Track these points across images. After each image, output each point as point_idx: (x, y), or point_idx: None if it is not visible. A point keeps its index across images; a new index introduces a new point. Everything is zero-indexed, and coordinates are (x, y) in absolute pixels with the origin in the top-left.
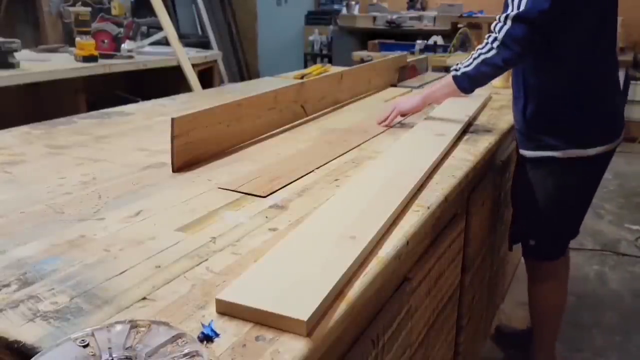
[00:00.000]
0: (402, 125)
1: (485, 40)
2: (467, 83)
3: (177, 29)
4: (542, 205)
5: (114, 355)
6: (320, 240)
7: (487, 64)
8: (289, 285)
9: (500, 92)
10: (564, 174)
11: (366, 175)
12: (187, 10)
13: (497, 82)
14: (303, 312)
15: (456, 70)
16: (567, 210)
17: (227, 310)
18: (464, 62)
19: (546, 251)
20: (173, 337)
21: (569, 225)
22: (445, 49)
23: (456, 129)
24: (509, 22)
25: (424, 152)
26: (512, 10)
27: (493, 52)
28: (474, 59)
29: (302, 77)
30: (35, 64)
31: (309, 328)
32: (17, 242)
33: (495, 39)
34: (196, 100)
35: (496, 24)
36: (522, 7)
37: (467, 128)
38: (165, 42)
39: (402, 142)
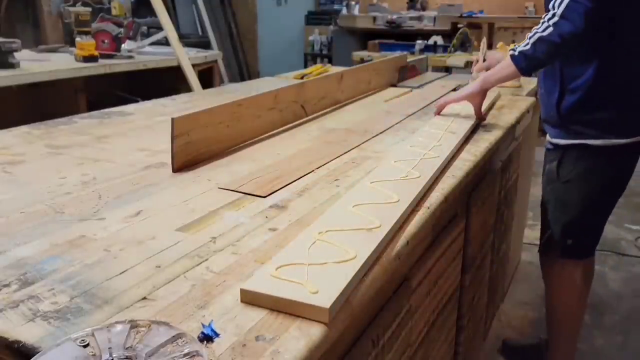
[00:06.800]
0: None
1: (541, 20)
2: (523, 62)
3: (177, 29)
4: (578, 196)
5: (114, 355)
6: (338, 232)
7: (543, 41)
8: (311, 274)
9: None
10: (599, 162)
11: (382, 170)
12: (187, 10)
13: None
14: (325, 300)
15: (514, 50)
16: (602, 199)
17: (252, 299)
18: (522, 43)
19: (585, 246)
20: (173, 337)
21: (602, 216)
22: (445, 49)
23: (467, 126)
24: None
25: (436, 149)
26: None
27: (550, 29)
28: (530, 38)
29: (302, 77)
30: (36, 64)
31: (331, 315)
32: (17, 242)
33: (553, 15)
34: (196, 100)
35: (554, 2)
36: None
37: (476, 127)
38: (165, 42)
39: (413, 139)
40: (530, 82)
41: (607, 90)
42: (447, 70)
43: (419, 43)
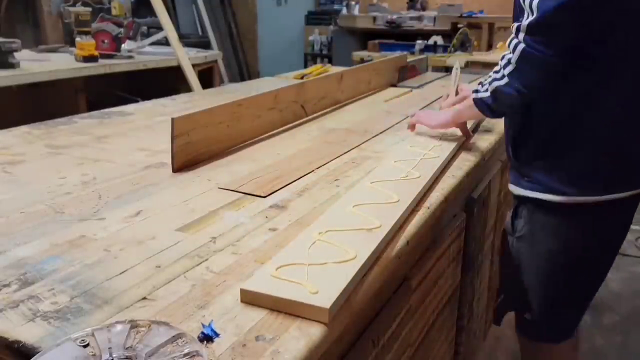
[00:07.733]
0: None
1: (500, 61)
2: (487, 110)
3: (177, 29)
4: (531, 261)
5: (114, 355)
6: (338, 232)
7: (501, 93)
8: (311, 274)
9: None
10: (562, 223)
11: (382, 170)
12: (187, 10)
13: None
14: (325, 300)
15: (476, 92)
16: (563, 272)
17: (252, 299)
18: (484, 81)
19: (546, 329)
20: (173, 337)
21: (575, 295)
22: (445, 49)
23: (467, 126)
24: (521, 36)
25: (436, 149)
26: (527, 18)
27: (505, 79)
28: (489, 83)
29: (302, 77)
30: (36, 64)
31: (331, 315)
32: (17, 242)
33: (509, 61)
34: (196, 100)
35: (511, 40)
36: (534, 12)
37: (476, 128)
38: (165, 42)
39: (413, 139)
40: None
41: (577, 131)
42: (447, 70)
43: (419, 43)
